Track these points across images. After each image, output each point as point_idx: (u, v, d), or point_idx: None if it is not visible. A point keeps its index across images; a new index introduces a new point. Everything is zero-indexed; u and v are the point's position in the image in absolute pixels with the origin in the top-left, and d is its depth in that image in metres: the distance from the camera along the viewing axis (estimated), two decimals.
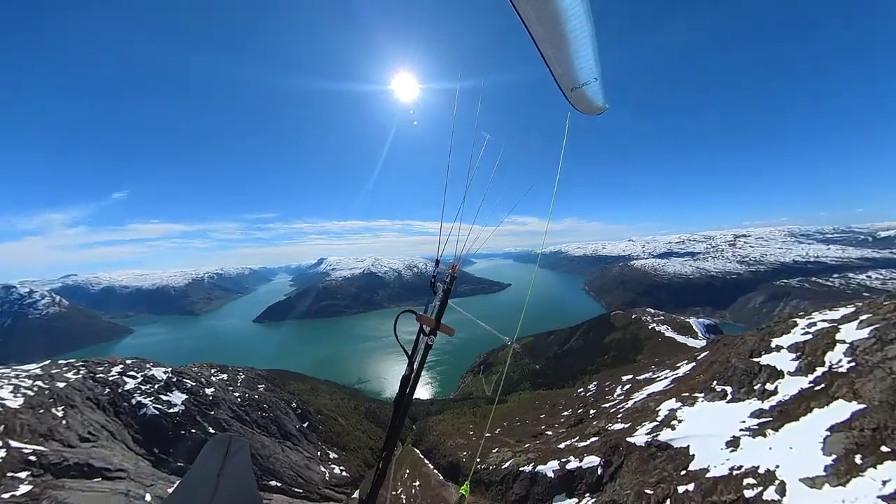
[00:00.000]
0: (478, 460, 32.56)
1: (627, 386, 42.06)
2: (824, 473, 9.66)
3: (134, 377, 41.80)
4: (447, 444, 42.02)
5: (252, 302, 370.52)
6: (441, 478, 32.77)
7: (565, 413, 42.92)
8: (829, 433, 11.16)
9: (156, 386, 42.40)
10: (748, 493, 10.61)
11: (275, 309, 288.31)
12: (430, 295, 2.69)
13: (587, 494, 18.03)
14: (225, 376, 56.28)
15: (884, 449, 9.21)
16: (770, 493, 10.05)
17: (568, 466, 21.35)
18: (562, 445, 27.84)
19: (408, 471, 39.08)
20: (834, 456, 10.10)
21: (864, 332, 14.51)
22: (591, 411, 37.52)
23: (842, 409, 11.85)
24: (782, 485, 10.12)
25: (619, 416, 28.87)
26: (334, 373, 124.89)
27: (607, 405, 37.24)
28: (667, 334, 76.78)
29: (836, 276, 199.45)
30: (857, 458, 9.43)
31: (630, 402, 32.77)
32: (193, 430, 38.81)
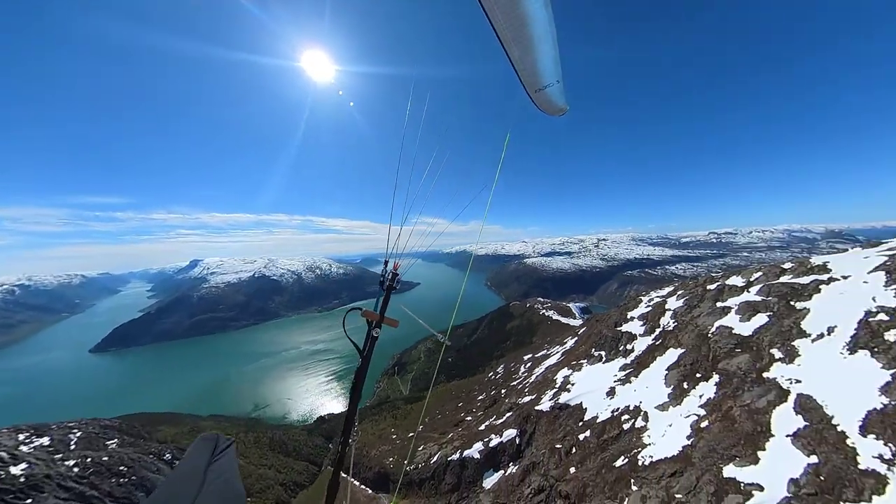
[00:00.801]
0: (405, 463, 32.81)
1: (529, 364, 48.33)
2: (668, 399, 13.61)
3: None
4: (371, 455, 40.85)
5: (86, 324, 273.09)
6: (370, 492, 31.80)
7: (480, 397, 46.71)
8: (667, 372, 15.62)
9: None
10: (626, 426, 14.06)
11: (125, 331, 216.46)
12: (379, 293, 3.20)
13: (510, 463, 20.42)
14: (47, 440, 39.09)
15: (697, 375, 13.55)
16: (639, 422, 13.56)
17: (491, 444, 23.57)
18: (482, 427, 30.41)
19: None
20: (672, 386, 14.28)
21: (680, 302, 20.68)
22: (503, 391, 41.96)
23: (672, 355, 16.67)
24: (645, 414, 13.78)
25: (526, 389, 33.27)
26: (222, 404, 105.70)
27: (515, 383, 42.20)
28: (554, 317, 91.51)
29: (659, 267, 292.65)
30: (685, 385, 13.60)
31: (533, 377, 37.96)
32: None
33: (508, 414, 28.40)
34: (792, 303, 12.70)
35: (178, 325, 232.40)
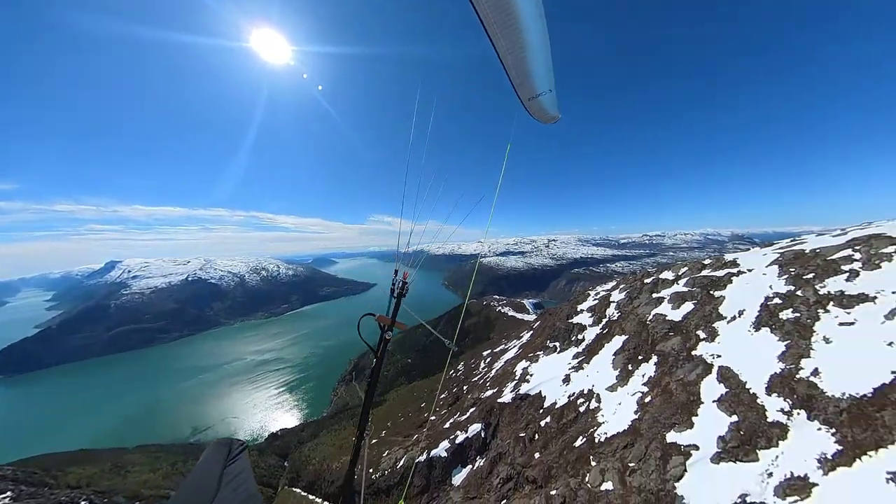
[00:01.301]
0: (370, 470, 32.07)
1: (488, 359, 49.95)
2: (616, 381, 15.17)
3: None
4: (333, 468, 39.30)
5: None
6: None
7: (443, 396, 47.24)
8: (614, 356, 17.37)
9: None
10: (581, 409, 15.38)
11: (17, 352, 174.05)
12: (389, 299, 3.52)
13: (477, 457, 21.08)
14: None
15: (639, 357, 15.30)
16: (593, 404, 14.93)
17: (457, 441, 24.03)
18: (447, 425, 30.85)
19: None
20: (619, 369, 15.94)
21: (622, 295, 23.05)
22: (465, 387, 42.88)
23: (618, 341, 18.55)
24: (598, 396, 15.21)
25: (488, 384, 34.44)
26: (153, 431, 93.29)
27: (476, 378, 43.37)
28: (509, 314, 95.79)
29: (601, 265, 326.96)
30: (630, 367, 15.27)
31: (493, 371, 39.36)
32: None
33: (472, 409, 29.18)
34: (711, 292, 14.95)
35: (91, 341, 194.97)
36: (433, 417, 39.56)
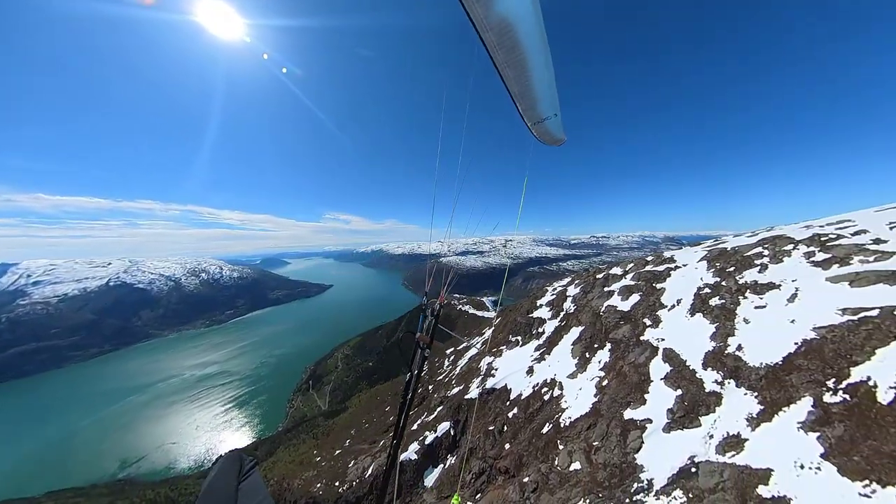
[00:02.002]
0: (335, 483, 30.96)
1: (452, 357, 50.58)
2: (576, 368, 16.38)
3: None
4: (294, 485, 37.07)
5: None
6: None
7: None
8: (572, 346, 18.71)
9: None
10: (546, 397, 16.35)
11: None
12: (421, 317, 3.66)
13: (448, 455, 21.35)
14: None
15: (595, 346, 16.68)
16: (556, 392, 15.96)
17: (427, 441, 24.02)
18: (415, 426, 30.74)
19: None
20: (577, 357, 17.21)
21: (577, 290, 24.88)
22: (430, 387, 43.02)
23: (575, 332, 19.99)
24: (560, 384, 16.28)
25: (454, 382, 34.92)
26: (69, 471, 79.80)
27: (441, 377, 43.72)
28: (470, 311, 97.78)
29: (554, 264, 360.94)
30: (587, 354, 16.58)
31: (458, 369, 39.98)
32: None
33: (440, 408, 29.39)
34: (654, 285, 16.79)
35: None
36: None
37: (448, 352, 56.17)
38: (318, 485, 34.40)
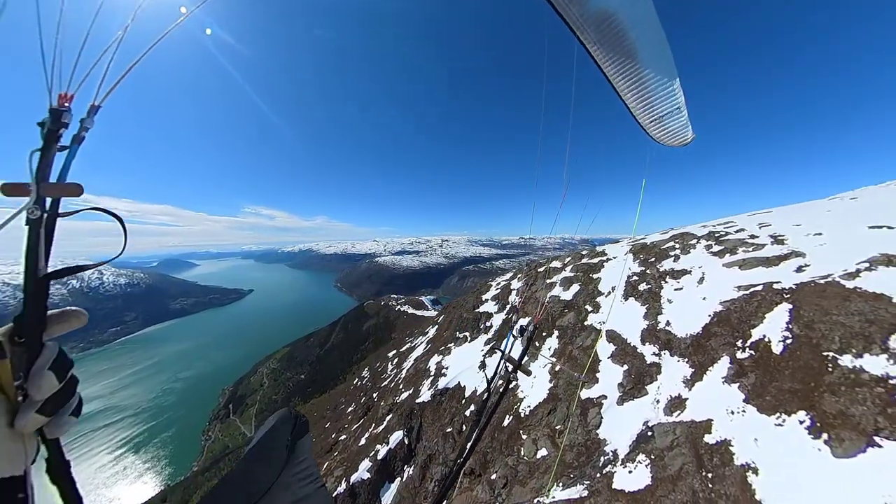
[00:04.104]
0: None
1: (395, 360, 49.27)
2: (527, 358, 17.33)
3: None
4: None
5: None
6: None
7: (350, 409, 44.30)
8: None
9: None
10: (502, 390, 16.96)
11: None
12: (508, 336, 3.48)
13: (405, 467, 20.61)
14: None
15: (543, 334, 17.87)
16: (511, 383, 16.66)
17: (379, 456, 22.62)
18: (363, 441, 29.04)
19: None
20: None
21: (521, 283, 26.44)
22: (374, 395, 41.23)
23: (522, 322, 21.19)
24: (515, 375, 17.05)
25: (401, 386, 33.99)
26: None
27: (386, 383, 42.24)
28: (409, 311, 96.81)
29: (488, 263, 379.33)
30: (537, 343, 17.67)
31: (404, 372, 39.03)
32: None
33: (389, 417, 28.30)
34: (591, 275, 18.70)
35: None
36: (343, 437, 36.71)
37: (390, 355, 54.58)
38: None
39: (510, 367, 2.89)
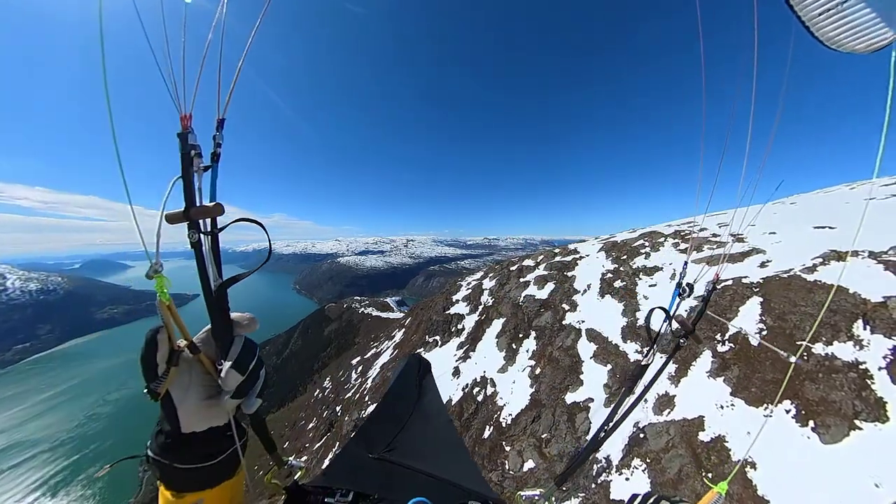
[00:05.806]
0: None
1: (360, 367, 46.82)
2: (505, 361, 16.76)
3: None
4: None
5: None
6: None
7: (311, 425, 41.26)
8: (497, 339, 19.25)
9: None
10: (479, 398, 16.20)
11: None
12: (675, 294, 2.74)
13: None
14: None
15: (520, 335, 17.48)
16: (489, 390, 15.94)
17: None
18: (327, 461, 26.95)
19: None
20: (504, 350, 17.70)
21: (493, 282, 26.05)
22: (338, 408, 38.71)
23: (497, 324, 20.65)
24: (492, 380, 16.36)
25: (367, 398, 32.15)
26: None
27: (350, 394, 39.88)
28: (374, 314, 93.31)
29: (453, 263, 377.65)
30: (514, 345, 17.20)
31: (369, 381, 37.07)
32: None
33: (354, 433, 26.53)
34: (565, 273, 18.72)
35: None
36: (304, 458, 33.89)
37: (354, 362, 51.79)
38: None
39: (677, 328, 2.14)
